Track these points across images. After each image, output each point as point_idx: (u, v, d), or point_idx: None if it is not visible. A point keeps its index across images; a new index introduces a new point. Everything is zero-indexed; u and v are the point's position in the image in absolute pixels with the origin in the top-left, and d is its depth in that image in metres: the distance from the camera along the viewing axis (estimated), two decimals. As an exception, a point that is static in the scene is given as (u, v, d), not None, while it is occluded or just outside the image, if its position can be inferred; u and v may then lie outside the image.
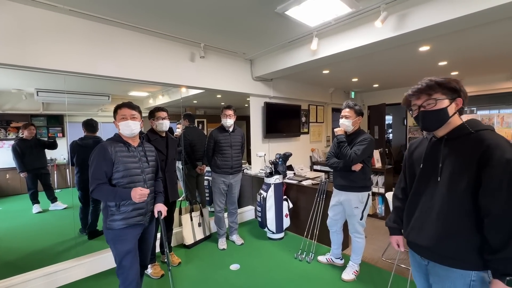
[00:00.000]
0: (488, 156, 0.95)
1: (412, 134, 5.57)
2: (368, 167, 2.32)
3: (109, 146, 1.65)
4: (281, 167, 3.22)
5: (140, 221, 1.72)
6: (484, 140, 0.99)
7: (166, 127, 2.46)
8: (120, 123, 1.69)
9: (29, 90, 4.25)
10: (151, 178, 1.82)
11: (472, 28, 2.27)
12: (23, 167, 3.94)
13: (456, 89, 1.06)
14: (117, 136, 1.74)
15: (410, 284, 2.17)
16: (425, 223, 1.11)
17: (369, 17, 2.32)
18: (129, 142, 1.74)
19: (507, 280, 0.90)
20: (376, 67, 3.90)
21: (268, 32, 2.74)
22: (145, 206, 1.74)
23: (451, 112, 1.07)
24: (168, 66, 2.90)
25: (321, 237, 3.00)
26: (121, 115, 1.70)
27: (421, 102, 1.10)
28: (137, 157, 1.74)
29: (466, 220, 1.01)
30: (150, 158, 1.83)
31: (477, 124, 1.07)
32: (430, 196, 1.11)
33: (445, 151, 1.09)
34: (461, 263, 1.01)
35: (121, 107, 1.72)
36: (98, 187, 1.59)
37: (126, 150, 1.70)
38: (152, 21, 2.43)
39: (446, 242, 1.04)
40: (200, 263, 2.71)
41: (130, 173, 1.67)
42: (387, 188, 3.87)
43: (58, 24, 2.18)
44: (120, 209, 1.65)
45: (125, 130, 1.70)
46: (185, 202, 3.48)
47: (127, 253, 1.67)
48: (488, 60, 3.57)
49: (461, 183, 1.01)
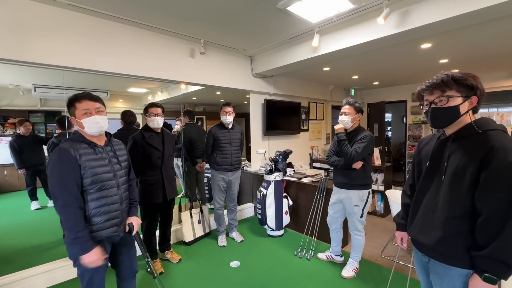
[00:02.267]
0: (491, 157, 0.94)
1: (411, 132, 5.57)
2: (369, 165, 2.31)
3: (70, 148, 1.33)
4: (281, 164, 3.22)
5: (114, 232, 1.47)
6: (490, 141, 0.96)
7: (158, 124, 2.38)
8: (84, 119, 1.37)
9: (27, 86, 4.21)
10: (125, 181, 1.58)
11: (474, 25, 2.26)
12: (21, 163, 3.91)
13: (472, 87, 1.02)
14: (77, 135, 1.42)
15: (410, 281, 2.18)
16: (427, 222, 1.11)
17: (372, 13, 2.30)
18: (94, 142, 1.44)
19: (484, 276, 0.94)
20: (377, 65, 3.88)
21: (269, 28, 2.71)
22: (120, 215, 1.50)
23: (463, 110, 1.03)
24: (167, 62, 2.87)
25: (321, 235, 3.00)
26: (82, 109, 1.38)
27: (433, 98, 1.07)
28: (106, 159, 1.46)
29: (466, 221, 1.01)
30: (121, 158, 1.56)
31: (487, 123, 1.03)
32: (435, 195, 1.10)
33: (451, 150, 1.07)
34: (459, 262, 1.02)
35: (80, 100, 1.39)
36: (68, 209, 1.29)
37: (92, 152, 1.41)
38: (152, 16, 2.40)
39: (446, 241, 1.04)
40: (200, 260, 2.71)
41: (101, 178, 1.40)
42: (387, 185, 3.88)
43: (56, 18, 2.14)
44: (92, 219, 1.39)
45: (92, 128, 1.39)
46: (184, 199, 3.47)
47: (97, 270, 1.40)
48: (489, 58, 3.56)
49: (463, 184, 1.00)
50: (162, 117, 2.42)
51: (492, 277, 0.93)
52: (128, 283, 1.67)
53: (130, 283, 1.68)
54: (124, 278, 1.65)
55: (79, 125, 1.41)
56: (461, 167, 1.01)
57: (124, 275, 1.64)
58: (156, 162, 2.38)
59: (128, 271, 1.64)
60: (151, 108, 2.38)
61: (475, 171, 0.97)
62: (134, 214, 1.64)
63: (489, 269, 0.94)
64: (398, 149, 7.36)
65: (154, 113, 2.37)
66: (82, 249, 1.31)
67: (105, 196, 1.43)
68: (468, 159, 1.00)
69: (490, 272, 0.94)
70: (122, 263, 1.61)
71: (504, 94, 4.55)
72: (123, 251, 1.60)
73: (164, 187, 2.42)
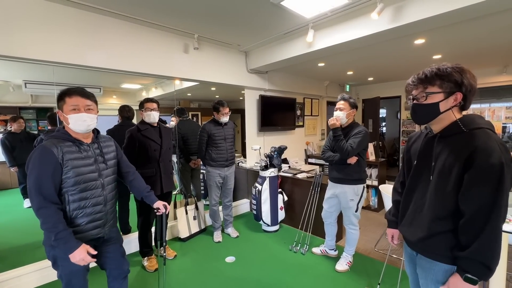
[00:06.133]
0: (474, 158, 0.92)
1: (405, 127, 5.63)
2: (363, 160, 2.34)
3: (53, 147, 1.26)
4: (276, 160, 3.23)
5: (97, 234, 1.41)
6: (474, 141, 0.94)
7: (155, 118, 2.41)
8: (71, 115, 1.30)
9: (17, 82, 4.11)
10: (111, 181, 1.50)
11: (465, 21, 2.28)
12: (14, 161, 3.85)
13: (457, 83, 0.98)
14: (62, 133, 1.34)
15: (402, 273, 2.22)
16: (415, 220, 1.13)
17: (366, 8, 2.30)
18: (80, 139, 1.36)
19: (465, 276, 0.95)
20: (371, 60, 3.89)
21: (264, 23, 2.69)
22: (104, 217, 1.44)
23: (444, 107, 1.00)
24: (161, 57, 2.83)
25: (315, 229, 3.03)
26: (71, 105, 1.31)
27: (415, 93, 1.06)
28: (92, 158, 1.39)
29: (450, 221, 1.01)
30: (108, 156, 1.48)
31: (473, 121, 1.00)
32: (423, 194, 1.11)
33: (438, 149, 1.06)
34: (444, 258, 1.04)
35: (71, 95, 1.32)
36: (45, 210, 1.23)
37: (77, 151, 1.33)
38: (145, 10, 2.36)
39: (430, 239, 1.06)
40: (195, 256, 2.72)
41: (84, 179, 1.33)
42: (381, 180, 3.93)
43: (46, 12, 2.10)
44: (74, 221, 1.32)
45: (78, 125, 1.32)
46: (180, 195, 3.47)
47: (76, 273, 1.36)
48: (481, 54, 3.60)
49: (449, 183, 0.99)
50: (158, 112, 2.44)
51: (473, 278, 0.94)
52: (118, 283, 1.58)
53: (121, 284, 1.58)
54: (115, 279, 1.57)
55: (64, 120, 1.33)
56: (447, 167, 1.00)
57: (114, 275, 1.57)
58: (153, 155, 2.39)
59: (117, 272, 1.57)
60: (147, 103, 2.39)
61: (460, 172, 0.96)
62: (155, 200, 1.65)
63: (470, 270, 0.95)
64: (392, 145, 7.43)
65: (150, 108, 2.38)
66: (66, 249, 1.26)
67: (88, 197, 1.36)
68: (454, 159, 0.98)
69: (471, 273, 0.94)
70: (110, 263, 1.54)
71: (496, 90, 4.61)
72: (111, 250, 1.53)
73: (161, 180, 2.42)
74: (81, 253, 1.28)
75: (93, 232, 1.40)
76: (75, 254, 1.26)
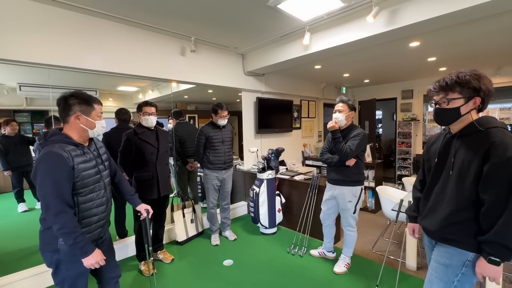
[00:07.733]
0: (491, 152, 1.04)
1: (401, 128, 5.67)
2: (362, 161, 2.35)
3: (62, 151, 1.25)
4: (273, 162, 3.22)
5: (99, 234, 1.46)
6: (491, 137, 1.06)
7: (152, 123, 2.40)
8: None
9: (11, 85, 4.06)
10: (109, 181, 1.55)
11: (460, 24, 2.32)
12: (7, 165, 3.79)
13: (476, 88, 1.10)
14: (64, 136, 1.33)
15: (400, 275, 2.23)
16: (436, 211, 1.23)
17: (361, 12, 2.32)
18: (81, 143, 1.39)
19: (489, 258, 1.07)
20: (367, 63, 3.93)
21: (260, 26, 2.70)
22: (106, 217, 1.49)
23: (465, 110, 1.13)
24: (157, 60, 2.82)
25: (313, 231, 3.03)
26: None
27: (437, 99, 1.18)
28: (93, 160, 1.42)
29: (470, 211, 1.12)
30: (104, 157, 1.52)
31: (488, 121, 1.12)
32: (443, 188, 1.22)
33: (457, 147, 1.18)
34: (461, 244, 1.15)
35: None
36: (64, 215, 1.23)
37: (81, 154, 1.35)
38: (141, 13, 2.36)
39: (450, 227, 1.17)
40: (193, 259, 2.70)
41: (91, 181, 1.37)
42: (378, 182, 3.95)
43: (41, 14, 2.08)
44: (82, 222, 1.34)
45: (100, 130, 1.44)
46: (177, 198, 3.44)
47: (83, 274, 1.39)
48: (474, 56, 3.65)
49: (468, 177, 1.11)
50: (156, 116, 2.43)
51: (496, 260, 1.05)
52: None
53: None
54: (107, 284, 1.55)
55: (89, 125, 1.37)
56: (466, 162, 1.12)
57: (106, 279, 1.54)
58: (150, 158, 2.37)
59: (109, 275, 1.54)
60: (145, 107, 2.37)
61: (479, 165, 1.07)
62: (139, 203, 1.68)
63: (492, 252, 1.06)
64: (389, 146, 7.48)
65: (149, 112, 2.37)
66: (82, 253, 1.29)
67: (94, 198, 1.39)
68: (472, 155, 1.10)
69: (494, 255, 1.05)
70: (104, 266, 1.47)
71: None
72: (104, 251, 1.49)
73: (158, 183, 2.41)
74: (96, 256, 1.33)
75: (96, 232, 1.44)
76: (90, 257, 1.31)
